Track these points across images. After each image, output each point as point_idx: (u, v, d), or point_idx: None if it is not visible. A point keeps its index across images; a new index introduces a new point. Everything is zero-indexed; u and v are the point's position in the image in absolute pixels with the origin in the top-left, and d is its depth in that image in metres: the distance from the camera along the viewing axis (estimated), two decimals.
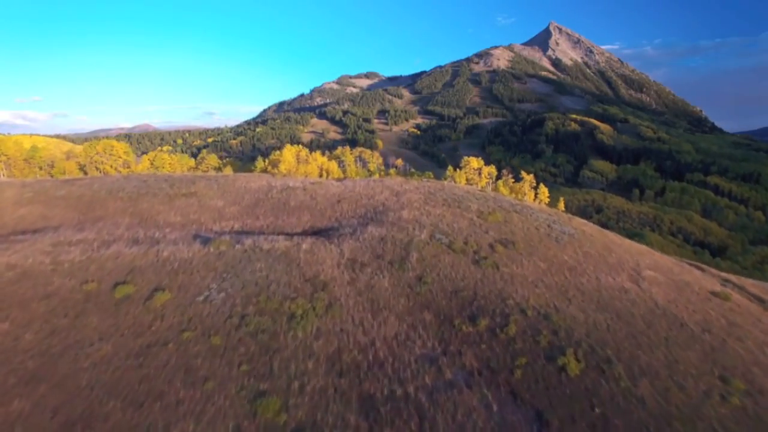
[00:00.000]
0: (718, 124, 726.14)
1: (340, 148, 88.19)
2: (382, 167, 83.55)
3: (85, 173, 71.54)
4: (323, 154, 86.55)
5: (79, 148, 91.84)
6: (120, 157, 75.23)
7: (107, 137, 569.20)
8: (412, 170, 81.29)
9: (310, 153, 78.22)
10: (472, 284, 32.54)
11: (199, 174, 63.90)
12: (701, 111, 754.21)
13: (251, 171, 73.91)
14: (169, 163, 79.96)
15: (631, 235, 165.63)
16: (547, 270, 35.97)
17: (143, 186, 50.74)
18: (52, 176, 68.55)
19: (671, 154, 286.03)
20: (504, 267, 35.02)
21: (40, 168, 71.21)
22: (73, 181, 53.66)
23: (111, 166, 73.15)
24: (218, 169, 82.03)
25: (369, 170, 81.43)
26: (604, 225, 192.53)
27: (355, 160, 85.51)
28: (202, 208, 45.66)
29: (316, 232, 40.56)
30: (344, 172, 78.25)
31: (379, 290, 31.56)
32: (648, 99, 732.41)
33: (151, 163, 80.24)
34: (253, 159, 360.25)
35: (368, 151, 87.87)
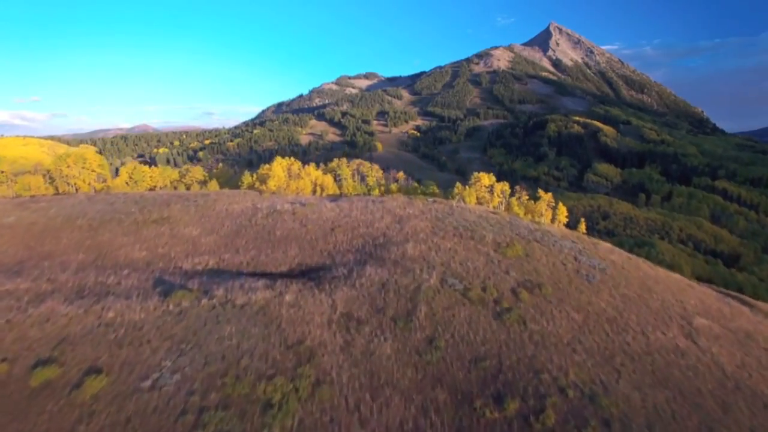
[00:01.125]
0: (717, 124, 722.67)
1: (336, 160, 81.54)
2: (382, 181, 76.96)
3: (56, 189, 65.03)
4: (318, 166, 79.41)
5: (56, 154, 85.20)
6: (94, 171, 68.64)
7: (105, 138, 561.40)
8: (415, 184, 74.57)
9: (303, 166, 71.28)
10: (495, 349, 26.16)
11: (178, 192, 57.03)
12: (702, 112, 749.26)
13: (238, 186, 66.96)
14: (150, 176, 72.88)
15: (641, 244, 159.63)
16: (584, 324, 29.58)
17: (109, 210, 44.17)
18: (16, 194, 61.98)
19: (677, 157, 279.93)
20: (532, 322, 28.63)
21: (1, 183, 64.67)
22: (29, 203, 47.02)
23: (84, 181, 66.63)
24: (203, 182, 74.95)
25: (368, 185, 74.76)
26: (610, 233, 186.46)
27: (353, 174, 78.47)
28: (173, 239, 39.19)
29: (305, 272, 34.13)
30: (340, 187, 71.41)
31: (379, 359, 25.18)
32: (649, 100, 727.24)
33: (130, 177, 73.38)
34: (251, 162, 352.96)
35: (367, 164, 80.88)
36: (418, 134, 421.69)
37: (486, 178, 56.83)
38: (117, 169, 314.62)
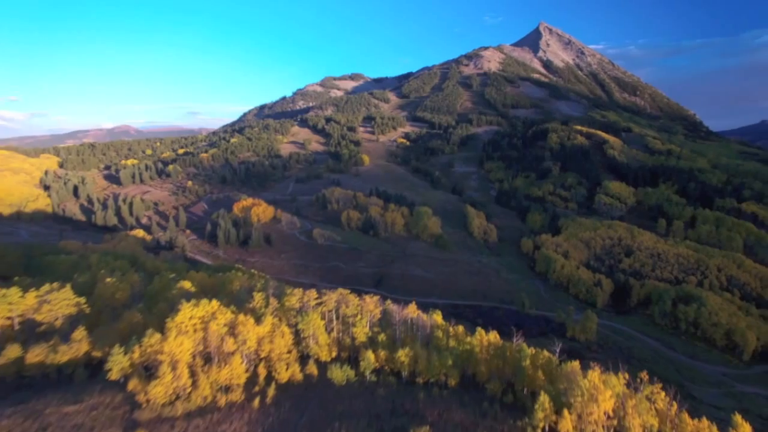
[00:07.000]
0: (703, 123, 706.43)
1: (299, 291, 50.29)
2: (381, 336, 46.78)
3: None
4: (264, 304, 46.34)
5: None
6: None
7: (71, 146, 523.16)
8: (436, 360, 44.07)
9: (240, 320, 39.70)
10: None
11: None
12: (695, 115, 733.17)
13: (111, 359, 36.25)
14: None
15: (685, 298, 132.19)
16: None
17: None
18: None
19: (692, 173, 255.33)
20: None
21: None
22: None
23: None
24: (71, 323, 42.94)
25: (355, 340, 44.12)
26: (637, 273, 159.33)
27: (328, 322, 46.93)
28: None
29: None
30: (304, 367, 40.36)
31: None
32: (642, 103, 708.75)
33: None
34: (224, 180, 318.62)
35: (354, 299, 49.82)
36: (408, 143, 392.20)
37: (605, 399, 28.22)
38: (76, 188, 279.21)
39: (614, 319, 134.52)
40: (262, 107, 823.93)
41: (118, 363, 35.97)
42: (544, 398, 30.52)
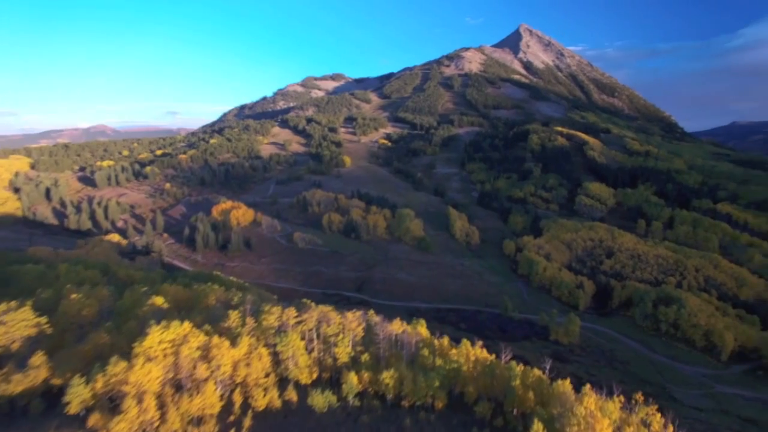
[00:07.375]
0: (678, 124, 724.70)
1: (278, 308, 47.32)
2: (364, 356, 44.35)
3: None
4: (240, 323, 43.67)
5: None
6: None
7: (43, 146, 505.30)
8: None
9: (214, 342, 36.11)
10: None
11: None
12: (671, 116, 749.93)
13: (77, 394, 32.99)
14: None
15: (665, 299, 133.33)
16: None
17: None
18: None
19: (670, 174, 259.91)
20: None
21: None
22: None
23: None
24: None
25: (337, 360, 41.79)
26: (618, 274, 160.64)
27: (308, 341, 45.65)
28: None
29: None
30: (283, 392, 38.76)
31: None
32: (620, 104, 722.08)
33: None
34: (203, 181, 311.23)
35: (336, 317, 46.89)
36: (389, 144, 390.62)
37: (602, 429, 26.74)
38: (48, 190, 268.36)
39: (596, 321, 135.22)
40: (242, 107, 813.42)
41: (78, 395, 33.14)
42: (537, 426, 29.17)
